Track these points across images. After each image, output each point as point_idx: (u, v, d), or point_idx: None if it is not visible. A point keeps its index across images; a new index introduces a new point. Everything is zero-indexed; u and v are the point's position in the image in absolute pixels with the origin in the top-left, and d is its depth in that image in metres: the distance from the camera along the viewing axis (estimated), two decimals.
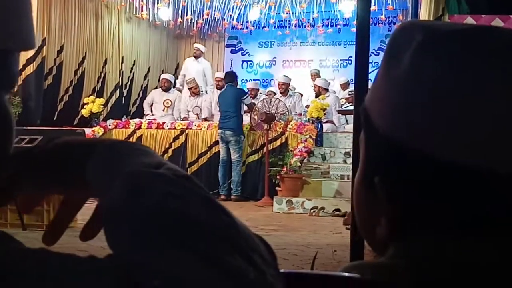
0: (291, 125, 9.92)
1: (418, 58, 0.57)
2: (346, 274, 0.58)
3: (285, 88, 10.93)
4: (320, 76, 11.99)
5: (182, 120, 11.11)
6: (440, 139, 0.55)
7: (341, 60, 14.21)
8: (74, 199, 0.61)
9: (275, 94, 11.52)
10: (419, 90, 0.56)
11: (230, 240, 0.46)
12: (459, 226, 0.56)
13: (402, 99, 0.57)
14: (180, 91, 12.09)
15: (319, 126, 9.91)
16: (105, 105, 11.73)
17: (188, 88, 11.75)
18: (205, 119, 10.97)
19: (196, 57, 12.37)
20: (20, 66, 10.65)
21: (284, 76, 11.44)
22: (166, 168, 0.51)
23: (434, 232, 0.57)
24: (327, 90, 11.04)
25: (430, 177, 0.56)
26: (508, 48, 0.56)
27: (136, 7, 13.33)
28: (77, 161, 0.56)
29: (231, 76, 10.48)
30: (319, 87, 10.98)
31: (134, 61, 13.70)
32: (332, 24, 14.22)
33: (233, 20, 14.43)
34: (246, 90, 11.11)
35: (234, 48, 15.29)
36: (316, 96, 10.79)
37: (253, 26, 14.68)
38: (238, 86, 10.75)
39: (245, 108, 10.08)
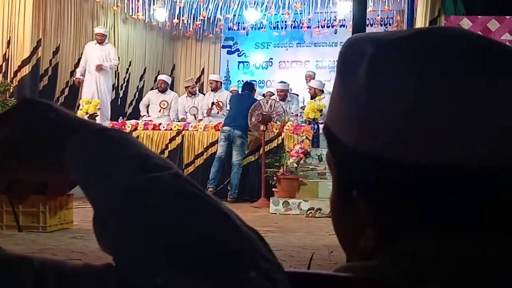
0: (288, 126, 9.92)
1: (373, 71, 0.58)
2: (340, 273, 0.58)
3: (284, 95, 10.87)
4: (314, 78, 12.01)
5: (180, 121, 11.11)
6: (409, 145, 0.55)
7: (337, 61, 14.18)
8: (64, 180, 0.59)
9: (273, 94, 11.54)
10: (381, 101, 0.57)
11: (235, 249, 0.46)
12: (444, 225, 0.56)
13: (365, 114, 0.58)
14: (81, 81, 11.41)
15: (316, 127, 9.91)
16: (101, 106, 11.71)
17: (185, 87, 11.79)
18: (200, 120, 11.03)
19: (100, 43, 11.52)
20: (15, 67, 10.73)
21: (281, 82, 11.33)
22: (154, 164, 0.51)
23: (422, 233, 0.57)
24: (322, 91, 11.05)
25: (406, 183, 0.56)
26: (460, 48, 0.57)
27: (132, 8, 13.33)
28: (55, 142, 0.54)
29: (250, 86, 10.76)
30: (314, 88, 10.98)
31: (130, 62, 13.69)
32: (328, 25, 14.24)
33: (229, 21, 14.44)
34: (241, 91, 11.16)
35: (230, 49, 15.30)
36: (312, 98, 10.79)
37: (249, 27, 14.69)
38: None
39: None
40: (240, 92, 10.83)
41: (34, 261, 0.44)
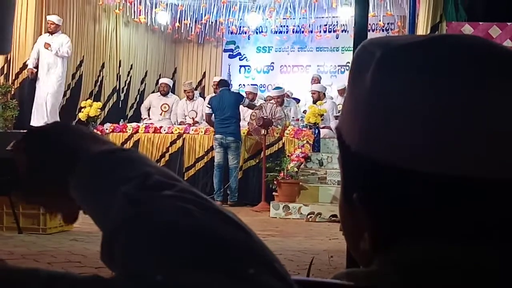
0: (289, 130, 9.92)
1: (378, 75, 0.58)
2: (340, 281, 0.58)
3: (281, 100, 10.71)
4: (320, 81, 12.02)
5: (179, 124, 11.11)
6: (406, 151, 0.55)
7: (338, 66, 14.22)
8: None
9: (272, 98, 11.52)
10: (381, 107, 0.57)
11: (250, 252, 0.46)
12: (440, 232, 0.56)
13: (368, 117, 0.58)
14: (34, 72, 10.45)
15: (316, 131, 9.91)
16: (102, 108, 11.71)
17: (184, 91, 11.78)
18: (196, 122, 10.99)
19: (52, 33, 10.61)
20: (17, 69, 10.70)
21: (276, 88, 11.13)
22: (154, 181, 0.51)
23: (418, 239, 0.57)
24: (324, 95, 11.07)
25: (404, 189, 0.56)
26: (463, 55, 0.57)
27: (134, 11, 13.34)
28: (62, 172, 0.55)
29: (224, 82, 10.39)
30: (318, 92, 10.97)
31: (132, 65, 13.69)
32: (330, 30, 14.25)
33: (231, 25, 14.45)
34: (244, 95, 11.11)
35: (232, 53, 15.30)
36: (314, 102, 10.79)
37: (251, 31, 14.70)
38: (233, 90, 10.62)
39: (245, 109, 10.05)
40: (218, 91, 10.16)
41: (41, 273, 0.44)
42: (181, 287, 0.42)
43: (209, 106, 10.04)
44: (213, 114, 9.95)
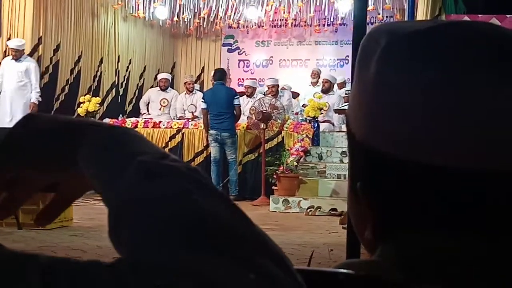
0: (288, 124, 9.92)
1: (382, 65, 0.57)
2: (340, 270, 0.58)
3: (275, 90, 10.62)
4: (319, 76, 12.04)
5: (178, 119, 11.11)
6: (408, 143, 0.55)
7: (338, 59, 14.21)
8: (71, 186, 0.58)
9: None
10: (384, 98, 0.57)
11: (255, 240, 0.45)
12: (437, 225, 0.56)
13: (371, 107, 0.58)
14: None
15: (316, 125, 9.92)
16: (101, 104, 11.70)
17: (184, 83, 11.78)
18: (195, 117, 10.99)
19: (15, 59, 10.03)
20: None
21: (271, 78, 11.17)
22: (172, 159, 0.51)
23: (417, 231, 0.57)
24: (333, 86, 11.12)
25: (406, 181, 0.56)
26: (470, 42, 0.56)
27: (132, 6, 13.33)
28: (66, 147, 0.53)
29: (221, 74, 10.10)
30: (330, 82, 11.01)
31: (130, 60, 13.68)
32: (329, 23, 14.23)
33: (229, 19, 14.43)
34: (243, 89, 11.08)
35: (230, 48, 15.29)
36: (326, 92, 10.84)
37: (250, 25, 14.68)
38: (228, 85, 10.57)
39: (244, 103, 10.02)
40: (213, 85, 10.03)
41: (40, 257, 0.44)
42: (186, 273, 0.42)
43: (203, 100, 9.95)
44: (205, 108, 9.85)
